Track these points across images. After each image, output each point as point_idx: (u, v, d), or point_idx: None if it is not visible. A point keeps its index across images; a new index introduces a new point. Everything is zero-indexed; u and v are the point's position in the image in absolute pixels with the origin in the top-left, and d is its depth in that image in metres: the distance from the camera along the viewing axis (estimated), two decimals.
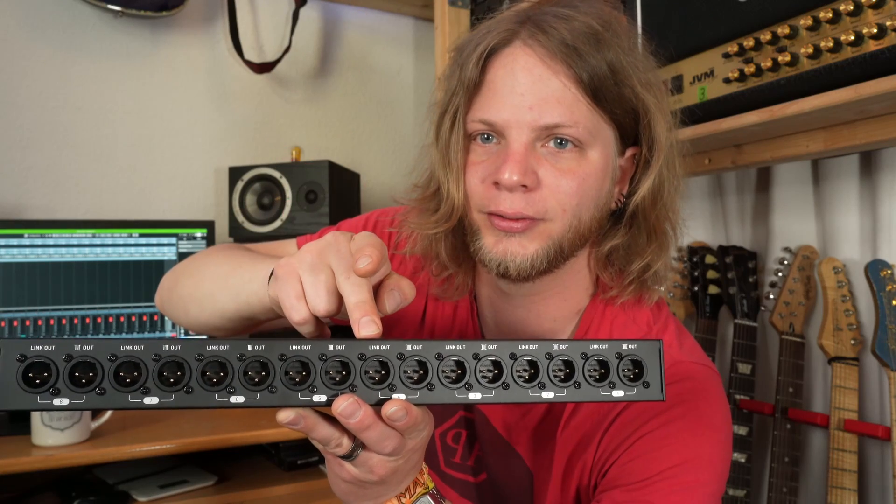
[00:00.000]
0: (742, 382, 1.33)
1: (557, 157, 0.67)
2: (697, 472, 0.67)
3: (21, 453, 1.14)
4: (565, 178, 0.66)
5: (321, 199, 1.63)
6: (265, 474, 1.40)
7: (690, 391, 0.70)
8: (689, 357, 0.73)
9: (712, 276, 1.42)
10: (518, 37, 0.67)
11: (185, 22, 1.90)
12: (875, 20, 0.85)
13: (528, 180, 0.65)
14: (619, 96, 0.67)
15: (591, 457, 0.70)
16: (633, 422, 0.68)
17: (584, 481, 0.71)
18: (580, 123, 0.66)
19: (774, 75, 0.98)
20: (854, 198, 1.26)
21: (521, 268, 0.67)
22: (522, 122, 0.65)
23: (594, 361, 0.51)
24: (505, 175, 0.65)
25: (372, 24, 2.15)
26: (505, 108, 0.66)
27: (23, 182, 1.72)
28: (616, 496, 0.66)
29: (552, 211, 0.67)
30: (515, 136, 0.66)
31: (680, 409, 0.68)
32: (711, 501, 0.68)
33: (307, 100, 2.07)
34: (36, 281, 1.53)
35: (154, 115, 1.88)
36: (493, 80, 0.68)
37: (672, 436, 0.67)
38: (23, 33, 1.73)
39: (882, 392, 1.22)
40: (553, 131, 0.66)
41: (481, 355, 0.50)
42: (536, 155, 0.67)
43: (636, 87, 0.68)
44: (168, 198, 1.89)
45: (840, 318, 1.23)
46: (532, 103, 0.65)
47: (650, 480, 0.66)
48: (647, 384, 0.51)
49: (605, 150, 0.69)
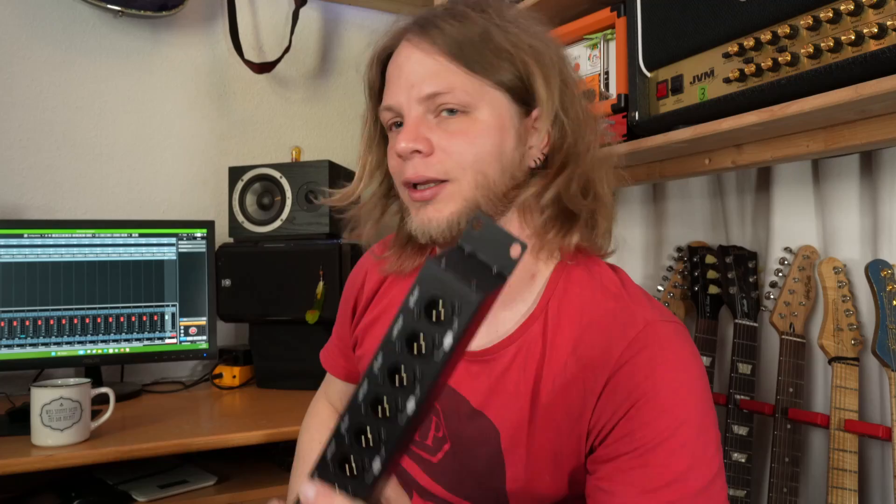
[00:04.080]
0: (742, 382, 1.33)
1: (447, 123, 0.75)
2: (696, 431, 0.70)
3: (21, 453, 1.14)
4: (455, 138, 0.75)
5: None
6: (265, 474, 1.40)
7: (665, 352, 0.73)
8: (660, 315, 0.75)
9: (712, 276, 1.42)
10: (403, 37, 0.79)
11: (185, 22, 1.90)
12: (875, 20, 0.85)
13: (421, 145, 0.74)
14: (494, 61, 0.75)
15: (585, 423, 0.73)
16: (625, 386, 0.71)
17: (571, 441, 0.74)
18: (457, 89, 0.74)
19: (774, 75, 0.98)
20: (854, 198, 1.25)
21: (441, 231, 0.75)
22: (410, 98, 0.76)
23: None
24: (401, 145, 0.75)
25: (372, 24, 2.15)
26: (397, 92, 0.77)
27: (22, 182, 1.72)
28: (623, 463, 0.70)
29: (452, 171, 0.75)
30: (407, 112, 0.77)
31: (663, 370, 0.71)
32: (711, 428, 0.72)
33: (307, 100, 2.07)
34: (36, 281, 1.53)
35: (154, 114, 1.88)
36: (388, 75, 0.81)
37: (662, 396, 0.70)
38: (22, 33, 1.73)
39: (882, 392, 1.22)
40: (436, 100, 0.75)
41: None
42: (428, 125, 0.76)
43: (511, 49, 0.75)
44: (168, 198, 1.89)
45: (840, 318, 1.23)
46: (413, 81, 0.76)
47: (654, 445, 0.69)
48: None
49: (495, 110, 0.76)
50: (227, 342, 1.84)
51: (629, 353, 0.71)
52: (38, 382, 1.21)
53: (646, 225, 1.65)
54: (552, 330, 0.76)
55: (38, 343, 1.53)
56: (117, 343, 1.59)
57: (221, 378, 1.68)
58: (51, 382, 1.22)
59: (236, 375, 1.68)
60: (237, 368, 1.68)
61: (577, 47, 1.37)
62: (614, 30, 1.28)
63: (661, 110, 1.18)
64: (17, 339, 1.52)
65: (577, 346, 0.74)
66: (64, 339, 1.55)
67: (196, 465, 1.42)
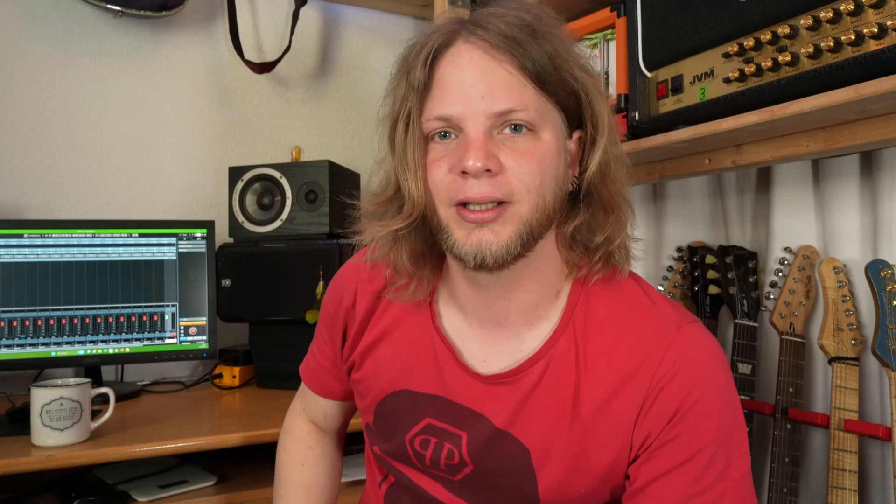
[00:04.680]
0: (742, 382, 1.32)
1: (515, 142, 0.70)
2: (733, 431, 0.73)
3: (20, 453, 1.14)
4: (524, 159, 0.70)
5: (321, 199, 1.63)
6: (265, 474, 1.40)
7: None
8: (685, 318, 0.77)
9: (712, 276, 1.42)
10: (459, 35, 0.71)
11: (185, 22, 1.90)
12: (876, 20, 0.85)
13: (492, 164, 0.68)
14: (560, 80, 0.71)
15: (629, 433, 0.73)
16: (668, 394, 0.72)
17: (613, 452, 0.74)
18: (530, 107, 0.70)
19: (774, 75, 0.98)
20: (854, 198, 1.25)
21: (497, 255, 0.70)
22: (477, 111, 0.69)
23: None
24: (469, 162, 0.68)
25: (372, 24, 2.15)
26: (458, 101, 0.69)
27: (22, 182, 1.72)
28: (667, 469, 0.72)
29: (518, 193, 0.70)
30: (472, 126, 0.69)
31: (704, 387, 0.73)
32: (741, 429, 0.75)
33: (307, 100, 2.07)
34: (36, 281, 1.53)
35: (154, 114, 1.88)
36: (441, 78, 0.71)
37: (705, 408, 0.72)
38: (23, 33, 1.73)
39: (882, 392, 1.22)
40: (507, 117, 0.69)
41: None
42: (494, 142, 0.70)
43: (574, 71, 0.72)
44: (168, 198, 1.89)
45: (840, 318, 1.23)
46: (483, 93, 0.69)
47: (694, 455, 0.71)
48: None
49: (555, 132, 0.72)
50: (227, 342, 1.84)
51: (668, 360, 0.73)
52: (38, 382, 1.21)
53: (646, 225, 1.65)
54: (582, 343, 0.76)
55: (38, 343, 1.53)
56: (117, 343, 1.59)
57: (221, 378, 1.68)
58: (51, 382, 1.22)
59: (236, 375, 1.68)
60: (237, 368, 1.68)
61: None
62: (614, 30, 1.28)
63: (661, 110, 1.18)
64: (17, 339, 1.52)
65: (612, 359, 0.74)
66: (64, 339, 1.55)
67: (196, 465, 1.42)
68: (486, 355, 0.80)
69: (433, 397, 0.81)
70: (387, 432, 0.86)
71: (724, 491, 0.71)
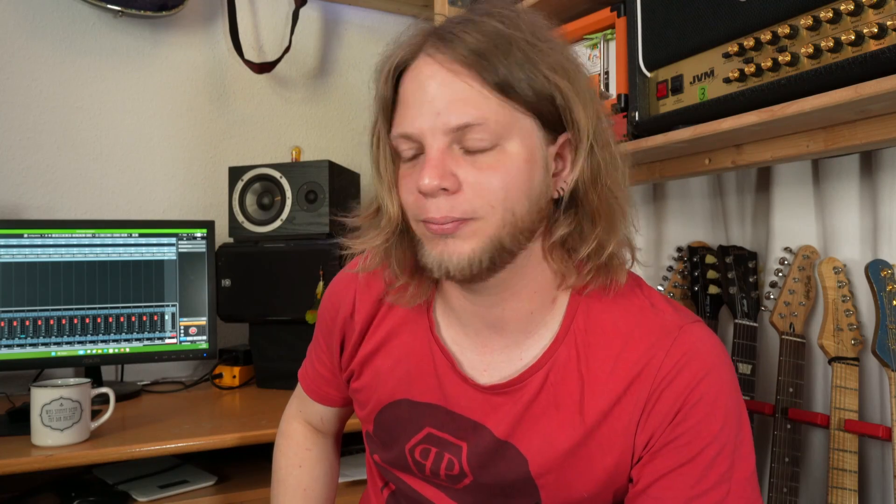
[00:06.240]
0: (742, 382, 1.32)
1: (475, 157, 0.68)
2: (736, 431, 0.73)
3: (20, 453, 1.14)
4: (485, 174, 0.67)
5: (321, 199, 1.63)
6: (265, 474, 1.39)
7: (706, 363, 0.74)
8: (686, 318, 0.76)
9: (712, 276, 1.42)
10: (422, 49, 0.70)
11: (185, 22, 1.90)
12: (876, 20, 0.85)
13: (447, 183, 0.67)
14: (532, 86, 0.68)
15: (631, 437, 0.73)
16: (671, 396, 0.72)
17: (616, 455, 0.74)
18: (490, 119, 0.67)
19: (774, 75, 0.98)
20: (854, 198, 1.25)
21: (459, 267, 0.69)
22: (435, 127, 0.67)
23: None
24: (424, 181, 0.66)
25: (372, 24, 2.15)
26: (417, 118, 0.68)
27: (22, 182, 1.72)
28: (669, 470, 0.72)
29: (480, 209, 0.67)
30: (430, 143, 0.68)
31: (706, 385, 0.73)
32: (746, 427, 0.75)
33: (307, 100, 2.07)
34: (36, 281, 1.53)
35: (154, 114, 1.88)
36: (404, 94, 0.71)
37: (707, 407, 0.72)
38: (23, 33, 1.73)
39: (882, 392, 1.22)
40: (465, 132, 0.67)
41: None
42: (455, 157, 0.68)
43: (546, 73, 0.68)
44: (168, 198, 1.89)
45: (840, 318, 1.23)
46: (440, 108, 0.67)
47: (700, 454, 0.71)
48: None
49: (525, 140, 0.69)
50: (227, 342, 1.84)
51: (670, 361, 0.72)
52: (38, 382, 1.21)
53: (646, 225, 1.65)
54: (583, 350, 0.75)
55: (38, 343, 1.53)
56: (117, 343, 1.59)
57: (221, 378, 1.68)
58: (51, 382, 1.22)
59: (236, 375, 1.68)
60: (237, 368, 1.68)
61: (577, 47, 1.37)
62: (614, 30, 1.28)
63: (661, 110, 1.18)
64: (17, 339, 1.52)
65: (616, 366, 0.74)
66: (64, 339, 1.55)
67: (196, 465, 1.42)
68: (485, 365, 0.79)
69: (433, 406, 0.80)
70: (387, 441, 0.85)
71: (727, 493, 0.70)
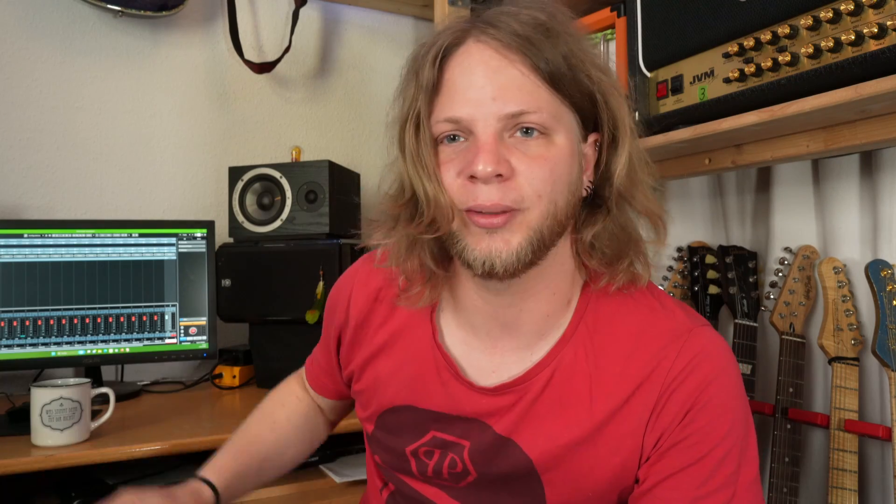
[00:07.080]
0: None
1: (526, 146, 0.67)
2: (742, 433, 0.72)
3: (21, 453, 1.14)
4: (536, 164, 0.67)
5: (321, 199, 1.63)
6: None
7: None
8: (696, 321, 0.76)
9: (712, 276, 1.42)
10: (470, 35, 0.69)
11: (185, 22, 1.90)
12: (876, 20, 0.85)
13: (503, 169, 0.66)
14: (575, 81, 0.68)
15: (640, 437, 0.73)
16: (679, 398, 0.71)
17: (623, 455, 0.74)
18: (543, 109, 0.67)
19: (774, 75, 0.98)
20: (854, 198, 1.26)
21: (507, 263, 0.67)
22: (487, 113, 0.66)
23: None
24: (479, 167, 0.65)
25: (372, 24, 2.15)
26: (468, 103, 0.67)
27: (22, 182, 1.72)
28: (675, 471, 0.71)
29: (528, 199, 0.67)
30: (482, 129, 0.67)
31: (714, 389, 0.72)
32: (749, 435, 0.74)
33: (307, 100, 2.07)
34: (35, 281, 1.53)
35: (154, 114, 1.88)
36: (451, 78, 0.69)
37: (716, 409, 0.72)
38: (23, 33, 1.73)
39: (882, 392, 1.22)
40: (518, 119, 0.66)
41: None
42: (505, 145, 0.67)
43: (590, 71, 0.69)
44: (168, 198, 1.89)
45: (840, 318, 1.23)
46: (494, 94, 0.66)
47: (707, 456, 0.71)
48: None
49: (569, 135, 0.70)
50: (227, 342, 1.84)
51: (680, 363, 0.72)
52: (38, 382, 1.21)
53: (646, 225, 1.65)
54: (591, 350, 0.75)
55: (38, 343, 1.53)
56: (117, 343, 1.59)
57: (221, 378, 1.68)
58: (51, 382, 1.22)
59: (236, 375, 1.68)
60: (237, 368, 1.68)
61: None
62: (614, 30, 1.28)
63: (661, 110, 1.18)
64: (17, 339, 1.52)
65: (627, 366, 0.73)
66: (64, 339, 1.55)
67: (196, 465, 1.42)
68: (494, 366, 0.78)
69: (439, 413, 0.80)
70: (389, 444, 0.85)
71: (732, 495, 0.70)
